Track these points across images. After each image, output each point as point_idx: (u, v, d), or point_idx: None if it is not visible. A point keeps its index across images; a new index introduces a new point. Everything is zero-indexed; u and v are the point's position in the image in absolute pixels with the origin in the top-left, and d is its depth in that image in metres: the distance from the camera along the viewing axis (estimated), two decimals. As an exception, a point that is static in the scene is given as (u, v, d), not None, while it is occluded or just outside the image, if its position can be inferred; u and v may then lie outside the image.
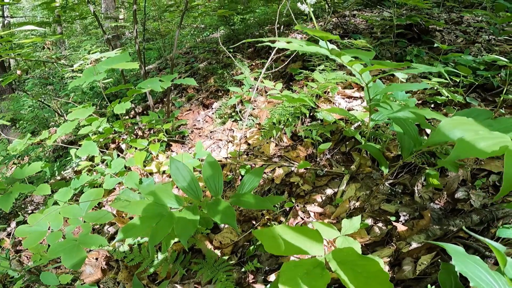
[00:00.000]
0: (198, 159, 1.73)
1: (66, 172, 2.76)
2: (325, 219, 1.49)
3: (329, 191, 1.59)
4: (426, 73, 2.18)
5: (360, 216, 1.24)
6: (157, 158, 2.11)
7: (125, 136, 2.28)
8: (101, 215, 1.57)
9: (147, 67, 4.37)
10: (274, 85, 1.84)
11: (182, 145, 2.48)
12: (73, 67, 2.05)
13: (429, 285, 1.10)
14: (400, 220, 1.37)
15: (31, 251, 1.59)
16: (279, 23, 3.68)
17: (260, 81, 1.67)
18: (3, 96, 5.05)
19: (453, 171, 1.32)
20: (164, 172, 2.07)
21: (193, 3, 3.78)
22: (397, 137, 1.07)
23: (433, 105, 1.89)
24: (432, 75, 2.14)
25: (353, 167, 1.59)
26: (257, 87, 2.17)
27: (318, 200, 1.58)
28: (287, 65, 2.77)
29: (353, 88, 2.26)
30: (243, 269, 1.48)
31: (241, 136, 2.13)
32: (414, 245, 1.25)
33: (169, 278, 1.57)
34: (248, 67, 2.77)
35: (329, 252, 0.99)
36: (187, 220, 1.09)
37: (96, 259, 1.85)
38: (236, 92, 2.16)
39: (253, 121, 2.28)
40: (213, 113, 2.74)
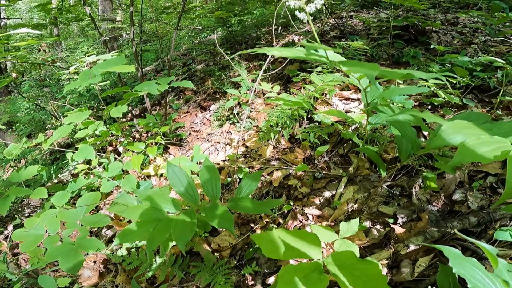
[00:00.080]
0: (196, 162, 1.72)
1: (63, 175, 2.74)
2: (323, 221, 1.49)
3: (327, 194, 1.59)
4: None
5: (358, 219, 1.24)
6: (155, 161, 2.10)
7: (122, 138, 2.27)
8: (98, 218, 1.56)
9: (144, 69, 4.35)
10: (272, 87, 1.84)
11: (180, 148, 2.47)
12: (69, 70, 2.03)
13: (428, 287, 1.10)
14: (398, 222, 1.37)
15: (28, 254, 1.58)
16: (276, 24, 3.69)
17: (257, 83, 1.67)
18: (-1, 98, 5.03)
19: (450, 173, 1.32)
20: (162, 175, 2.06)
21: (190, 4, 3.78)
22: (395, 140, 1.08)
23: (430, 107, 1.89)
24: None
25: (351, 169, 1.59)
26: (255, 89, 2.17)
27: (316, 202, 1.57)
28: (284, 67, 2.77)
29: (350, 90, 2.26)
30: (242, 272, 1.48)
31: (239, 138, 2.13)
32: (412, 247, 1.25)
33: (167, 281, 1.57)
34: (245, 69, 2.76)
35: (327, 255, 0.99)
36: (185, 224, 1.08)
37: (94, 262, 1.85)
38: (234, 95, 2.16)
39: (251, 123, 2.27)
40: (210, 116, 2.73)
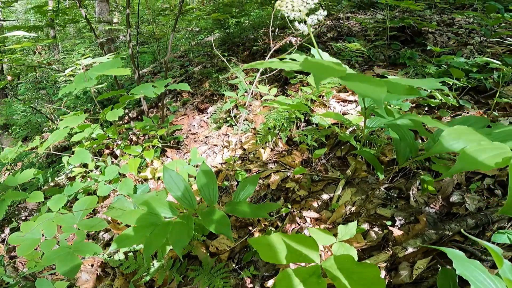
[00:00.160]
0: (193, 165, 1.72)
1: (59, 178, 2.72)
2: (322, 224, 1.48)
3: (325, 196, 1.59)
4: (419, 76, 2.19)
5: (356, 222, 1.23)
6: (152, 164, 2.09)
7: (119, 141, 2.26)
8: (95, 222, 1.55)
9: (141, 71, 4.34)
10: (269, 90, 1.83)
11: (177, 151, 2.46)
12: (64, 72, 2.02)
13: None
14: (396, 224, 1.37)
15: (25, 257, 1.57)
16: (273, 26, 3.69)
17: (255, 86, 1.67)
18: (-5, 101, 4.99)
19: (447, 175, 1.32)
20: (159, 178, 2.05)
21: (188, 6, 3.77)
22: (393, 143, 1.07)
23: (427, 108, 1.90)
24: (425, 78, 2.16)
25: (348, 172, 1.59)
26: (252, 91, 2.17)
27: (314, 205, 1.57)
28: (282, 69, 2.77)
29: (347, 92, 2.26)
30: (240, 275, 1.47)
31: (236, 141, 2.12)
32: (410, 249, 1.25)
33: (166, 285, 1.56)
34: (242, 71, 2.76)
35: (325, 259, 0.98)
36: (182, 229, 1.08)
37: (92, 265, 1.83)
38: (231, 97, 2.15)
39: (248, 125, 2.27)
40: (208, 118, 2.72)
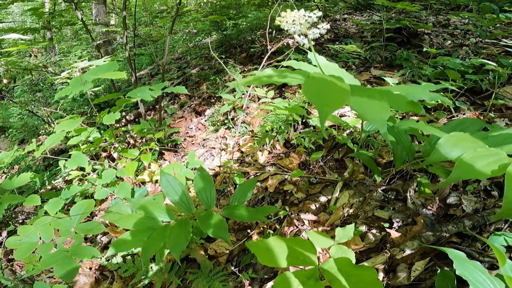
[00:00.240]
0: (191, 168, 1.71)
1: (56, 181, 2.71)
2: (320, 226, 1.49)
3: (322, 199, 1.59)
4: (416, 78, 2.20)
5: (354, 224, 1.24)
6: (150, 167, 2.09)
7: (116, 144, 2.25)
8: (92, 226, 1.54)
9: (139, 73, 4.33)
10: (266, 92, 1.83)
11: (175, 154, 2.46)
12: (61, 75, 2.01)
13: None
14: (393, 226, 1.37)
15: (23, 261, 1.56)
16: (271, 27, 3.69)
17: (252, 88, 1.67)
18: (-9, 104, 4.96)
19: (444, 177, 1.33)
20: (157, 182, 2.05)
21: (185, 8, 3.77)
22: (390, 147, 1.08)
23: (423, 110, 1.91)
24: (422, 79, 2.17)
25: (346, 174, 1.60)
26: (250, 93, 2.17)
27: (312, 207, 1.57)
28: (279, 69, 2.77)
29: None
30: (239, 278, 1.47)
31: (234, 144, 2.12)
32: (407, 251, 1.25)
33: (164, 288, 1.55)
34: (240, 73, 2.76)
35: (323, 261, 0.98)
36: (179, 233, 1.08)
37: (90, 268, 1.82)
38: (229, 99, 2.15)
39: (246, 128, 2.27)
40: (205, 120, 2.72)
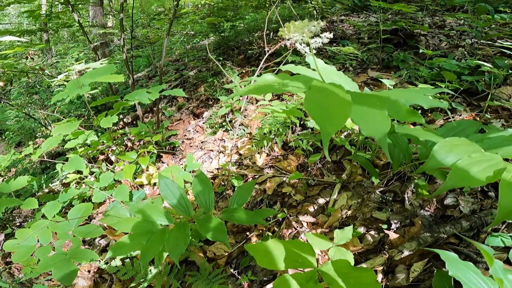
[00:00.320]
0: (189, 171, 1.71)
1: (54, 184, 2.69)
2: (318, 228, 1.49)
3: (321, 201, 1.59)
4: (413, 79, 2.22)
5: (352, 226, 1.24)
6: (148, 170, 2.08)
7: (114, 147, 2.24)
8: (91, 229, 1.54)
9: (136, 75, 4.32)
10: (264, 95, 1.84)
11: (173, 156, 2.45)
12: (58, 78, 2.00)
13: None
14: (391, 227, 1.37)
15: (21, 263, 1.54)
16: (268, 29, 3.71)
17: (250, 91, 1.67)
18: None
19: (441, 179, 1.34)
20: (155, 184, 2.04)
21: (183, 10, 3.77)
22: (385, 152, 1.09)
23: (420, 111, 1.92)
24: (418, 81, 2.19)
25: (344, 176, 1.60)
26: (248, 96, 2.17)
27: (311, 209, 1.58)
28: (277, 73, 2.78)
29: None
30: (238, 280, 1.47)
31: (232, 146, 2.12)
32: (406, 252, 1.26)
33: (163, 292, 1.54)
34: (238, 75, 2.76)
35: (322, 264, 0.99)
36: (178, 237, 1.07)
37: (89, 271, 1.81)
38: (226, 102, 2.15)
39: (244, 130, 2.26)
40: (203, 123, 2.72)
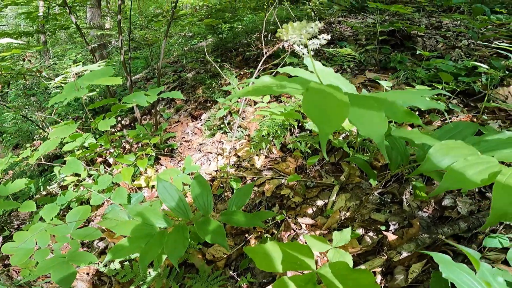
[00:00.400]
0: (188, 173, 1.71)
1: (51, 187, 2.68)
2: (317, 230, 1.49)
3: (319, 202, 1.60)
4: (410, 80, 2.23)
5: (351, 228, 1.24)
6: (146, 172, 2.08)
7: (112, 150, 2.24)
8: (89, 232, 1.53)
9: (134, 77, 4.31)
10: (262, 97, 1.84)
11: (171, 158, 2.44)
12: (55, 80, 1.99)
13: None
14: (390, 229, 1.38)
15: (19, 266, 1.53)
16: (266, 31, 3.71)
17: (248, 93, 1.67)
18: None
19: (438, 180, 1.35)
20: (153, 187, 2.04)
21: (181, 12, 3.77)
22: (383, 154, 1.10)
23: (417, 112, 1.93)
24: (416, 82, 2.20)
25: (342, 177, 1.60)
26: (246, 98, 2.17)
27: (309, 211, 1.58)
28: (275, 75, 2.79)
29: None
30: (237, 283, 1.47)
31: (231, 148, 2.12)
32: (404, 254, 1.26)
33: (162, 294, 1.54)
34: (236, 77, 2.76)
35: (321, 266, 0.99)
36: (177, 240, 1.07)
37: (87, 273, 1.81)
38: (225, 104, 2.15)
39: (242, 132, 2.26)
40: (202, 125, 2.71)
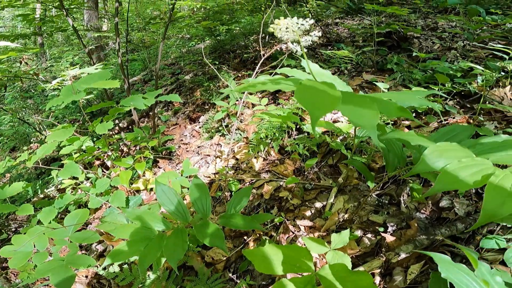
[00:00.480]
0: (186, 176, 1.71)
1: (49, 190, 2.66)
2: (316, 232, 1.49)
3: (318, 204, 1.60)
4: (407, 82, 2.24)
5: (349, 230, 1.25)
6: (144, 175, 2.07)
7: (110, 153, 2.23)
8: (87, 235, 1.53)
9: (132, 79, 4.30)
10: (260, 99, 1.84)
11: (170, 161, 2.44)
12: (52, 83, 1.98)
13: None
14: (388, 230, 1.39)
15: (18, 269, 1.53)
16: (264, 33, 3.72)
17: (246, 95, 1.68)
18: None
19: (434, 182, 1.36)
20: (151, 190, 2.04)
21: (178, 13, 3.77)
22: (382, 154, 1.10)
23: (414, 114, 1.94)
24: (412, 84, 2.21)
25: (340, 179, 1.61)
26: (244, 100, 2.18)
27: (308, 213, 1.58)
28: (273, 76, 2.79)
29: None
30: (237, 285, 1.47)
31: (229, 151, 2.12)
32: (403, 255, 1.27)
33: (161, 298, 1.54)
34: (234, 79, 2.77)
35: (320, 267, 0.99)
36: (176, 243, 1.07)
37: (86, 276, 1.80)
38: (223, 106, 2.15)
39: (240, 135, 2.27)
40: (200, 127, 2.71)
